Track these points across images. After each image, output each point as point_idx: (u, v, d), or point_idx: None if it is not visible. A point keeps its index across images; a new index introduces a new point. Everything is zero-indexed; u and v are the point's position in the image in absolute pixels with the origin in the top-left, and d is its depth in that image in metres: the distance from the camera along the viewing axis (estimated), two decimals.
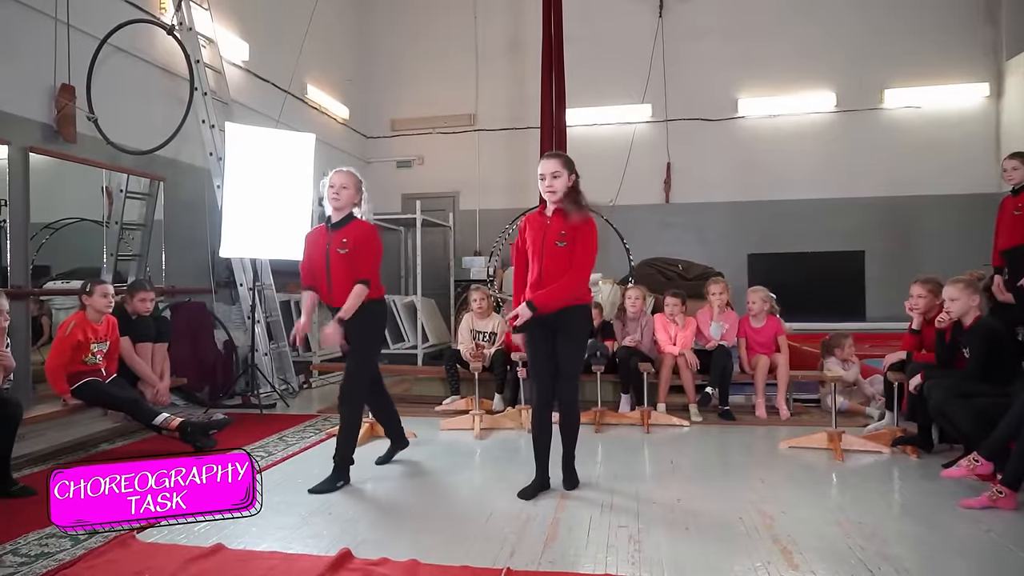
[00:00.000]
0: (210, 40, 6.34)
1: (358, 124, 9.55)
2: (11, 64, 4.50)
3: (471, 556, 2.58)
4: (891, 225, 8.33)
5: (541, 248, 3.18)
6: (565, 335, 3.24)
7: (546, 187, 3.16)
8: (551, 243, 3.16)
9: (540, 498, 3.28)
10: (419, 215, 7.50)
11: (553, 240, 3.15)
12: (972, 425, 3.35)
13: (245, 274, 6.13)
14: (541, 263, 3.18)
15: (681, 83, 8.78)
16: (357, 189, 3.48)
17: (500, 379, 5.34)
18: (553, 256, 3.15)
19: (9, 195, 4.47)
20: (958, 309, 3.70)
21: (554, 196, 3.17)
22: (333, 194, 3.42)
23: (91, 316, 4.15)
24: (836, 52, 8.51)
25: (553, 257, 3.15)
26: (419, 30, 9.55)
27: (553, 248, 3.15)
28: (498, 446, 4.39)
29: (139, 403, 4.22)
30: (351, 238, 3.41)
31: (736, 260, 8.01)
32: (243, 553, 2.64)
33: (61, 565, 2.51)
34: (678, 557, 2.58)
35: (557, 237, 3.15)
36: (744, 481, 3.54)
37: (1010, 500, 2.98)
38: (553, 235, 3.16)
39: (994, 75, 8.18)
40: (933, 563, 2.51)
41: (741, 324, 5.28)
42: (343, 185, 3.43)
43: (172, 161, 5.88)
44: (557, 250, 3.15)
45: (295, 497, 3.31)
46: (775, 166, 8.61)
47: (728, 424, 4.88)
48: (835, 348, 5.26)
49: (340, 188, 3.42)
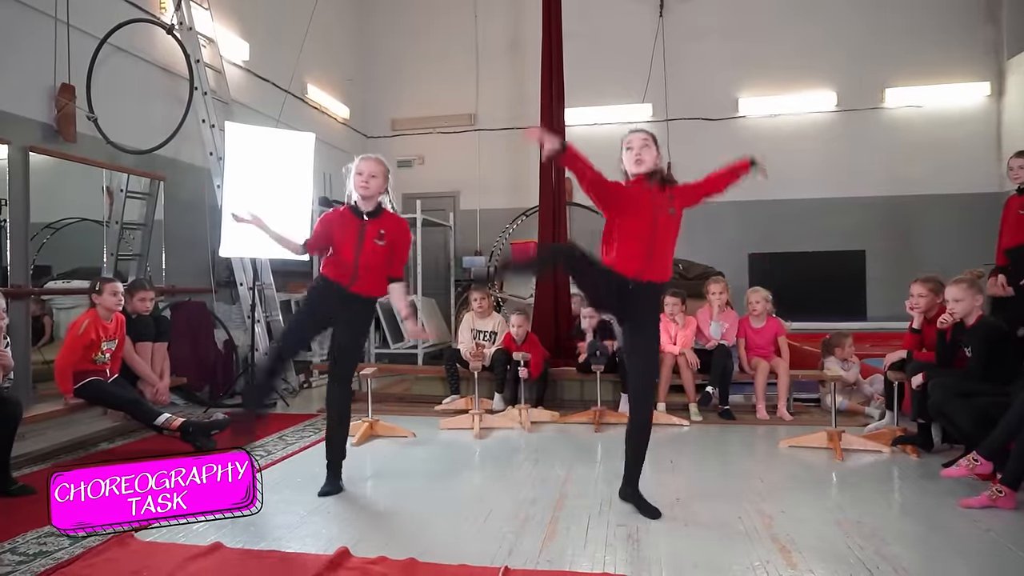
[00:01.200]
0: (210, 40, 6.34)
1: (358, 124, 9.55)
2: (11, 64, 4.50)
3: (469, 555, 2.57)
4: (892, 224, 8.31)
5: (652, 222, 2.91)
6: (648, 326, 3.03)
7: (635, 156, 2.96)
8: (663, 213, 2.93)
9: (539, 497, 3.27)
10: (419, 215, 7.50)
11: (665, 208, 2.94)
12: (972, 425, 3.35)
13: (245, 274, 6.13)
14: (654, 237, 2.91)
15: (682, 82, 8.77)
16: (386, 177, 3.37)
17: (500, 379, 5.34)
18: (665, 228, 2.94)
19: (9, 195, 4.47)
20: (962, 309, 3.69)
21: (642, 167, 2.96)
22: (363, 182, 3.29)
23: (102, 314, 4.17)
24: (837, 51, 8.49)
25: (665, 229, 2.94)
26: (419, 30, 9.55)
27: (665, 218, 2.93)
28: (497, 445, 4.39)
29: (140, 403, 4.22)
30: (389, 231, 3.33)
31: (736, 260, 8.00)
32: (241, 552, 2.63)
33: (59, 564, 2.51)
34: (677, 556, 2.57)
35: (667, 204, 2.95)
36: (743, 480, 3.54)
37: (1010, 500, 2.98)
38: (663, 203, 2.94)
39: (995, 74, 8.16)
40: (932, 563, 2.50)
41: (741, 324, 5.27)
42: (372, 173, 3.30)
43: (172, 161, 5.88)
44: (667, 219, 2.94)
45: (294, 496, 3.32)
46: (776, 165, 8.38)
47: (728, 423, 4.88)
48: (835, 347, 5.25)
49: (370, 176, 3.29)
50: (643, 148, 2.97)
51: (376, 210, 3.37)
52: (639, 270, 2.91)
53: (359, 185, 3.32)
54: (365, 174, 3.31)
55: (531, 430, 4.72)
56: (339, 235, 3.34)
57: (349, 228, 3.33)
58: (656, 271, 2.95)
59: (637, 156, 2.96)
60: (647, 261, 2.91)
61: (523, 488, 3.44)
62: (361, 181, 3.31)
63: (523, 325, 5.47)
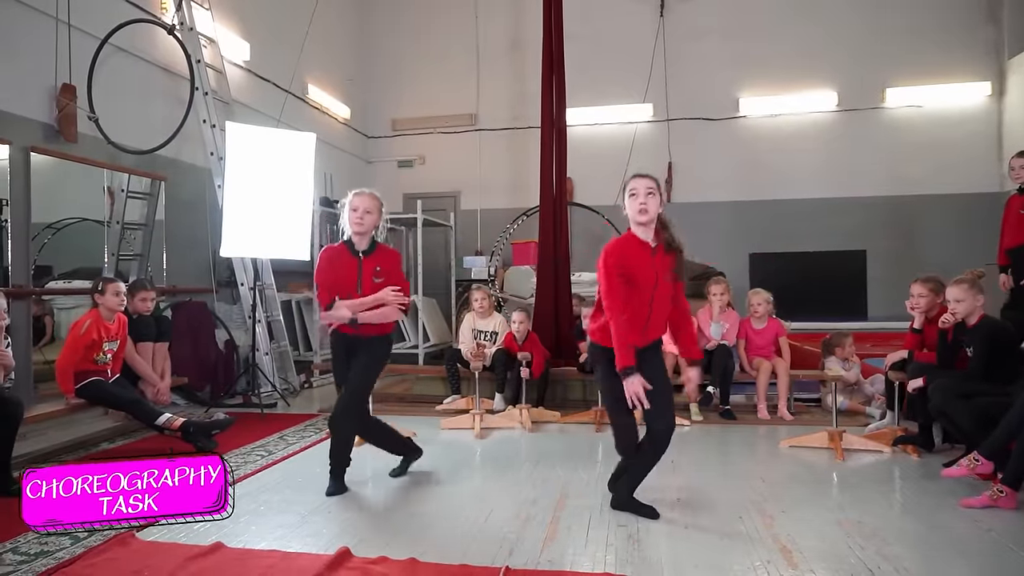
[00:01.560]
0: (211, 40, 6.35)
1: (359, 124, 9.56)
2: (12, 64, 4.51)
3: (470, 555, 2.57)
4: (893, 224, 8.31)
5: (653, 287, 2.86)
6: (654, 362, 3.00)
7: (639, 205, 2.85)
8: (663, 281, 2.88)
9: (540, 497, 3.27)
10: (420, 215, 7.50)
11: (664, 276, 2.89)
12: (973, 425, 3.34)
13: (246, 273, 6.14)
14: (652, 302, 2.87)
15: (682, 82, 8.77)
16: (380, 212, 3.37)
17: (501, 379, 5.34)
18: (663, 294, 2.90)
19: (10, 195, 4.47)
20: (963, 310, 3.69)
21: (646, 217, 2.86)
22: (357, 219, 3.28)
23: (104, 315, 4.17)
24: (837, 51, 8.49)
25: (663, 295, 2.91)
26: (420, 30, 9.56)
27: (665, 285, 2.90)
28: (498, 446, 4.39)
29: (141, 403, 4.23)
30: (384, 266, 3.34)
31: (737, 260, 8.00)
32: (242, 552, 2.64)
33: (60, 563, 2.51)
34: (678, 556, 2.57)
35: (667, 273, 2.90)
36: (744, 480, 3.54)
37: (1011, 499, 2.98)
38: (664, 270, 2.88)
39: (996, 74, 8.16)
40: (933, 563, 2.50)
41: (742, 325, 5.27)
42: (367, 210, 3.29)
43: (173, 161, 5.88)
44: (666, 286, 2.91)
45: (295, 496, 3.32)
46: (776, 165, 8.61)
47: (729, 423, 4.88)
48: (836, 347, 5.26)
49: (364, 213, 3.28)
50: (648, 196, 2.87)
51: (371, 247, 3.37)
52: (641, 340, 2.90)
53: (354, 221, 3.30)
54: (360, 210, 3.29)
55: (532, 430, 4.72)
56: (340, 274, 3.33)
57: (347, 269, 3.33)
58: (653, 333, 2.97)
59: (642, 205, 2.87)
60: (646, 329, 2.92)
61: (524, 488, 3.44)
62: (356, 218, 3.29)
63: (524, 323, 5.48)
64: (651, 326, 2.93)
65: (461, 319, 6.09)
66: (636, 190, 2.89)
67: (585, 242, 8.18)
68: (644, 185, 2.90)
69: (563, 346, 5.90)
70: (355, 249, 3.35)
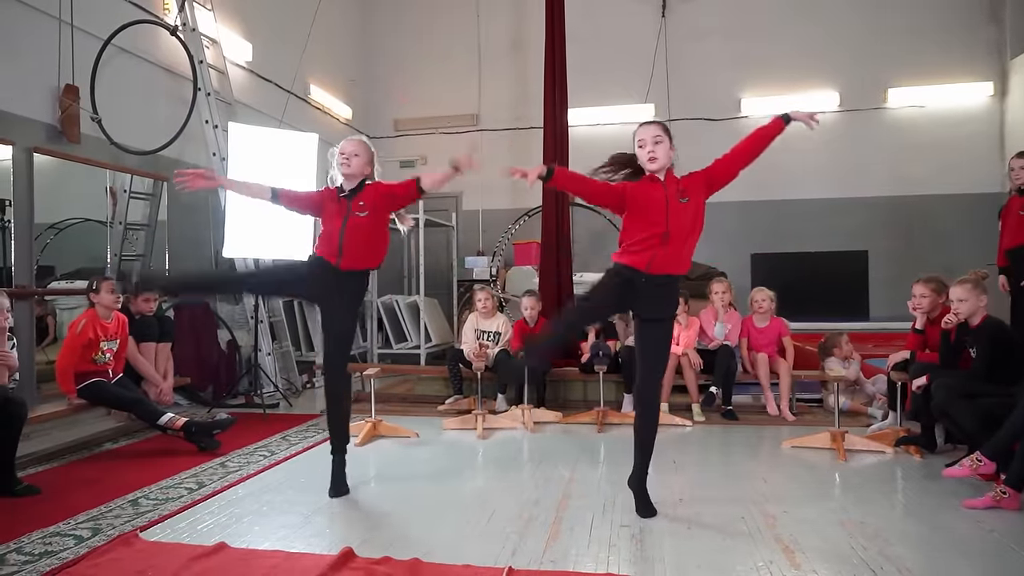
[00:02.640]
0: (213, 40, 6.35)
1: (361, 124, 9.55)
2: (15, 64, 4.51)
3: (473, 555, 2.58)
4: (895, 224, 8.30)
5: (664, 205, 2.87)
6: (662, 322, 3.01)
7: (648, 153, 2.89)
8: (675, 201, 2.89)
9: (542, 497, 3.28)
10: (422, 215, 7.51)
11: (676, 198, 2.90)
12: (976, 425, 3.34)
13: None
14: (667, 218, 2.86)
15: (684, 83, 8.77)
16: (368, 161, 3.36)
17: (503, 379, 5.34)
18: (679, 212, 2.88)
19: (13, 195, 4.48)
20: (966, 310, 3.69)
21: (656, 164, 2.90)
22: (344, 159, 3.30)
23: (101, 313, 4.18)
24: (839, 52, 8.48)
25: (680, 213, 2.88)
26: (422, 30, 9.55)
27: (678, 205, 2.89)
28: (500, 446, 4.39)
29: (143, 403, 4.24)
30: (368, 198, 3.33)
31: (739, 260, 7.99)
32: (245, 552, 2.64)
33: (64, 564, 2.52)
34: (680, 556, 2.58)
35: (679, 195, 2.91)
36: (747, 481, 3.54)
37: (1014, 501, 2.97)
38: (675, 193, 2.90)
39: (998, 74, 8.15)
40: (936, 563, 2.50)
41: (744, 324, 5.27)
42: (354, 152, 3.31)
43: (176, 161, 5.88)
44: (683, 207, 2.90)
45: (297, 496, 3.32)
46: (778, 166, 8.55)
47: (731, 424, 4.88)
48: (833, 348, 5.27)
49: (351, 155, 3.30)
50: (656, 144, 2.90)
51: (358, 187, 3.36)
52: (649, 260, 2.86)
53: (340, 163, 3.33)
54: (348, 153, 3.32)
55: (534, 430, 4.72)
56: (327, 209, 3.36)
57: (334, 205, 3.34)
58: (670, 262, 2.90)
59: (651, 153, 2.90)
60: (658, 250, 2.85)
61: (526, 488, 3.44)
62: (343, 159, 3.32)
63: (535, 307, 5.49)
64: (671, 243, 2.86)
65: (463, 319, 6.09)
66: (644, 140, 2.92)
67: (587, 242, 8.19)
68: (651, 134, 2.91)
69: (565, 346, 5.90)
70: (342, 189, 3.37)
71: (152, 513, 3.07)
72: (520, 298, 5.73)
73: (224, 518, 3.03)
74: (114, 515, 3.04)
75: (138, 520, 2.97)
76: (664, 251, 2.86)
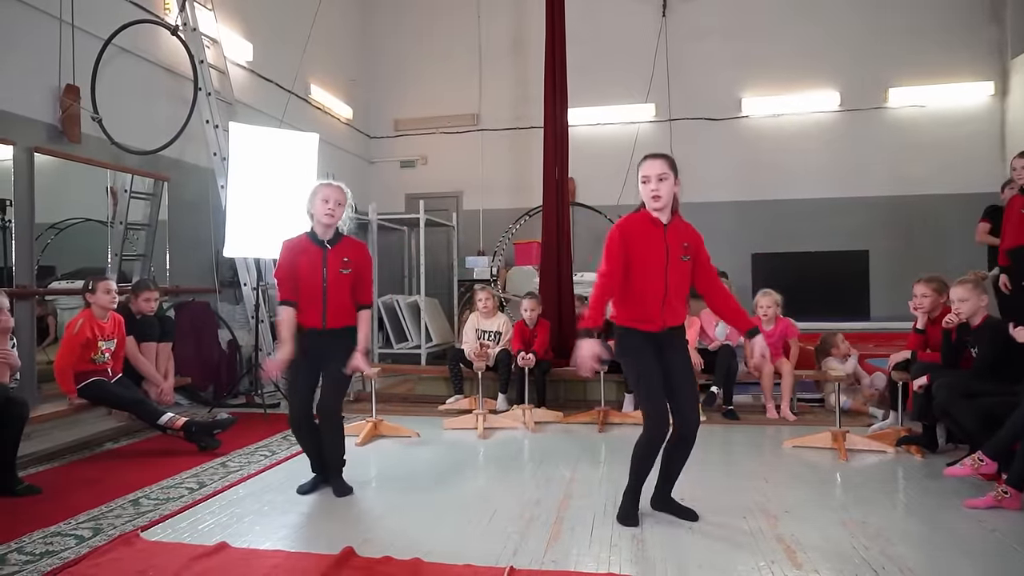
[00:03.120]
0: (214, 40, 6.35)
1: (361, 124, 9.56)
2: (16, 64, 4.51)
3: (474, 555, 2.58)
4: (895, 224, 8.29)
5: (665, 262, 2.80)
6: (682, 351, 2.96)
7: (651, 191, 2.78)
8: (676, 257, 2.82)
9: (543, 497, 3.27)
10: (422, 215, 7.51)
11: (678, 254, 2.82)
12: (978, 425, 3.34)
13: (249, 274, 6.14)
14: (666, 279, 2.81)
15: (684, 82, 8.77)
16: (348, 206, 3.36)
17: (504, 379, 5.34)
18: (678, 270, 2.84)
19: (14, 195, 4.48)
20: (967, 310, 3.69)
21: (659, 203, 2.79)
22: (328, 210, 3.25)
23: (97, 313, 4.18)
24: (839, 51, 8.48)
25: (678, 272, 2.84)
26: (422, 30, 9.56)
27: (678, 263, 2.83)
28: (501, 446, 4.39)
29: (144, 403, 4.24)
30: (353, 257, 3.32)
31: (740, 260, 7.99)
32: (246, 552, 2.64)
33: (65, 563, 2.52)
34: (681, 556, 2.58)
35: (681, 251, 2.83)
36: (748, 480, 3.54)
37: (1015, 500, 2.97)
38: (676, 248, 2.82)
39: (999, 74, 8.14)
40: (937, 563, 2.50)
41: None
42: (339, 202, 3.28)
43: (176, 161, 5.89)
44: (682, 265, 2.85)
45: (298, 496, 3.32)
46: (779, 165, 8.59)
47: (732, 423, 4.87)
48: (831, 349, 5.27)
49: (336, 205, 3.27)
50: (660, 182, 2.78)
51: (335, 237, 3.34)
52: (661, 324, 2.85)
53: (324, 213, 3.26)
54: (332, 202, 3.26)
55: (535, 430, 4.72)
56: (304, 266, 3.28)
57: (312, 258, 3.27)
58: (674, 316, 2.88)
59: (654, 192, 2.79)
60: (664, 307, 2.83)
61: (527, 488, 3.44)
62: (327, 209, 3.26)
63: (535, 309, 5.50)
64: (669, 304, 2.83)
65: (464, 319, 6.09)
66: (648, 176, 2.81)
67: (587, 242, 8.18)
68: (656, 171, 2.80)
69: (566, 346, 5.90)
70: (319, 239, 3.32)
71: (153, 513, 3.07)
72: (521, 299, 5.74)
73: (225, 518, 3.03)
74: (115, 515, 3.04)
75: (139, 520, 2.97)
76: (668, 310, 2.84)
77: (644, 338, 2.86)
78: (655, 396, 2.84)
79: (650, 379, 2.84)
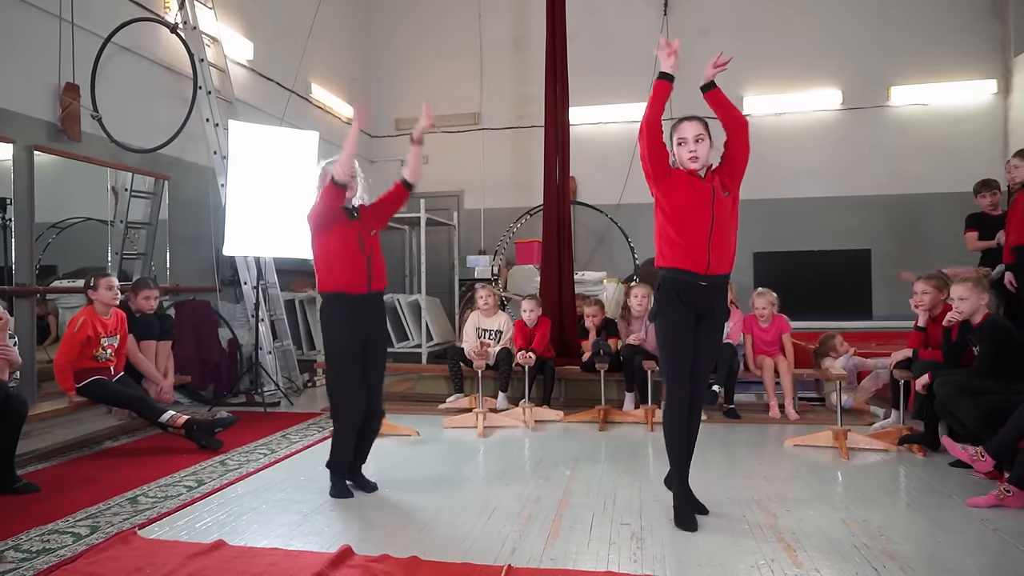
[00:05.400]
0: (214, 39, 6.35)
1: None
2: (15, 63, 4.51)
3: (472, 553, 2.56)
4: (897, 223, 8.27)
5: (711, 198, 2.78)
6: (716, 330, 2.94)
7: (689, 152, 2.80)
8: (720, 195, 2.81)
9: (542, 496, 3.26)
10: (423, 214, 7.50)
11: (720, 192, 2.82)
12: (980, 423, 3.32)
13: (249, 272, 6.14)
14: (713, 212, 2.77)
15: (686, 81, 8.65)
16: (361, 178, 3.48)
17: (504, 377, 5.33)
18: (723, 205, 2.80)
19: (14, 194, 4.48)
20: (968, 308, 3.67)
21: (697, 164, 2.81)
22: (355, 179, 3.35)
23: (99, 310, 4.18)
24: (841, 50, 8.45)
25: (723, 206, 2.80)
26: (423, 29, 9.55)
27: (722, 198, 2.80)
28: (501, 444, 4.38)
29: (145, 400, 4.23)
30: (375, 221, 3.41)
31: (741, 258, 7.87)
32: (244, 550, 2.63)
33: (62, 561, 2.51)
34: (681, 555, 2.56)
35: (721, 187, 2.83)
36: (749, 479, 3.52)
37: (1018, 499, 2.95)
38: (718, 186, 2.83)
39: (1002, 72, 8.11)
40: (939, 561, 2.48)
41: (747, 322, 5.25)
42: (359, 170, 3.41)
43: (176, 160, 5.89)
44: (725, 200, 2.81)
45: (297, 494, 3.31)
46: (781, 164, 8.56)
47: (733, 422, 4.86)
48: (829, 351, 5.26)
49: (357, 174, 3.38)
50: (697, 143, 2.80)
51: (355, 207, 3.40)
52: (707, 262, 2.77)
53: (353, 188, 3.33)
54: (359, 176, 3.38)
55: (535, 429, 4.71)
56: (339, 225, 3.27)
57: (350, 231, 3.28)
58: (722, 260, 2.81)
59: (692, 153, 2.79)
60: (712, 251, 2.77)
61: (527, 487, 3.43)
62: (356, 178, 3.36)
63: (535, 309, 5.50)
64: (716, 240, 2.77)
65: (464, 318, 6.08)
66: (685, 138, 2.82)
67: (588, 241, 8.18)
68: (693, 132, 2.81)
69: (567, 344, 5.89)
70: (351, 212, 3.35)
71: (151, 511, 3.06)
72: (521, 299, 5.73)
73: (223, 516, 3.02)
74: (113, 513, 3.03)
75: (137, 518, 2.97)
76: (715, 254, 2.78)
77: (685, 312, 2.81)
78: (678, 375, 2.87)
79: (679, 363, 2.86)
